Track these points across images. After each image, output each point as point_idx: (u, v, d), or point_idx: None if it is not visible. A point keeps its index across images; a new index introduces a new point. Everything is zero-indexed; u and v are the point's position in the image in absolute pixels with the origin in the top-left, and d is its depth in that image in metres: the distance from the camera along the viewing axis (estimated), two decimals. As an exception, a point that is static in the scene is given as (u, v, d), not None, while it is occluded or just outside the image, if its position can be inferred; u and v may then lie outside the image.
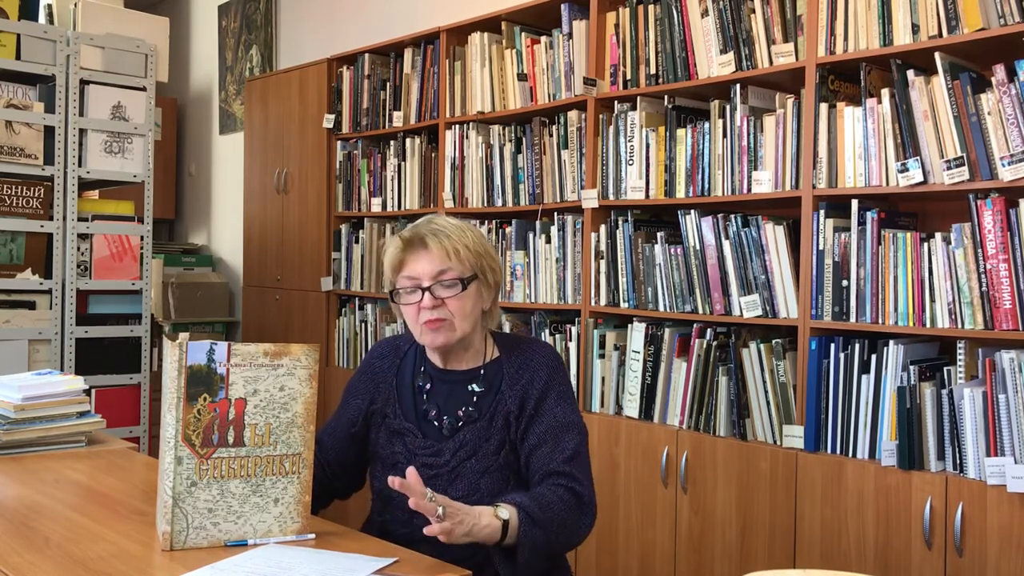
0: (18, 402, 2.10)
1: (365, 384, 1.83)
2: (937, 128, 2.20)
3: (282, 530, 1.53)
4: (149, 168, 3.63)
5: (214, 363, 1.47)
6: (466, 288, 1.67)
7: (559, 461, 1.64)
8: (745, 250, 2.57)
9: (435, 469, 1.69)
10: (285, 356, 1.51)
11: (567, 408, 1.71)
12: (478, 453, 1.68)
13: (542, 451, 1.66)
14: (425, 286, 1.67)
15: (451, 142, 3.53)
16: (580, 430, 1.70)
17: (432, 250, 1.68)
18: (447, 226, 1.71)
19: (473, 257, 1.69)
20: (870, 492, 2.27)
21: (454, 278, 1.67)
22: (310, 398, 1.53)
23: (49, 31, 3.43)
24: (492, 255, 1.75)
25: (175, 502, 1.46)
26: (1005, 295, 2.08)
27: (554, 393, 1.71)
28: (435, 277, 1.67)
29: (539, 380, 1.71)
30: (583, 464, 1.67)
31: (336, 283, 4.16)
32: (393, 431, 1.75)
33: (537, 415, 1.69)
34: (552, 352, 1.78)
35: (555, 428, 1.67)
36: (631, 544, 2.80)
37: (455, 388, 1.75)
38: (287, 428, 1.52)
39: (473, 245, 1.69)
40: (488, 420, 1.70)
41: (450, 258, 1.67)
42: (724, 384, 2.60)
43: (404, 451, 1.73)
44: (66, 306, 3.42)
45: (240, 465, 1.50)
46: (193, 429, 1.46)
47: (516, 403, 1.70)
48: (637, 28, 2.88)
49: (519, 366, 1.74)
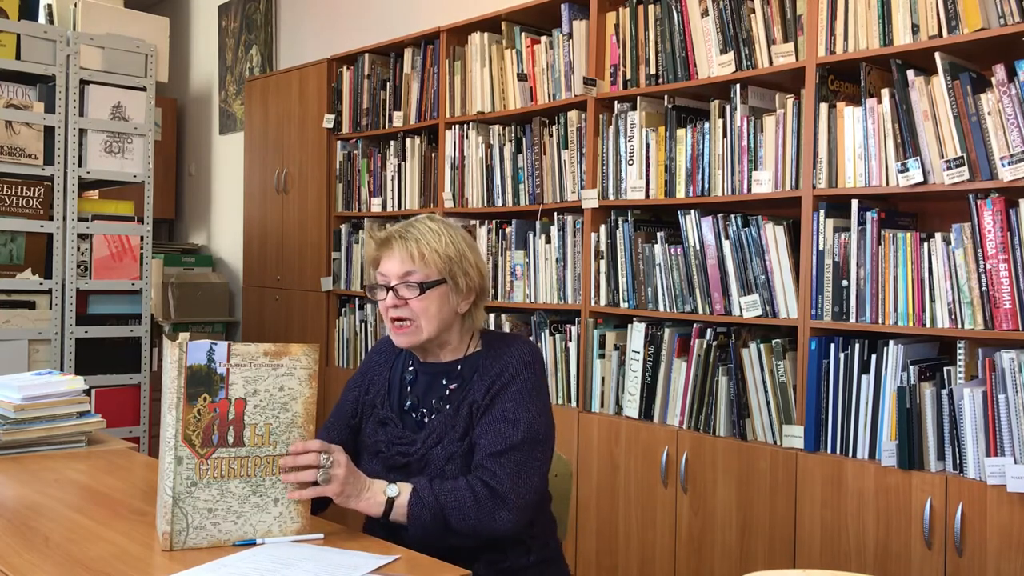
0: (18, 402, 2.10)
1: (361, 377, 1.90)
2: (937, 128, 2.20)
3: (282, 530, 1.53)
4: (149, 168, 3.63)
5: (214, 363, 1.47)
6: (424, 292, 1.69)
7: (485, 454, 1.65)
8: (745, 250, 2.57)
9: (407, 457, 1.73)
10: (285, 356, 1.52)
11: (521, 404, 1.69)
12: (443, 440, 1.71)
13: (482, 441, 1.67)
14: (391, 285, 1.71)
15: (451, 142, 3.53)
16: (528, 428, 1.67)
17: (398, 251, 1.71)
18: (422, 229, 1.73)
19: (442, 261, 1.70)
20: (870, 492, 2.27)
21: (416, 281, 1.70)
22: (310, 398, 1.54)
23: (49, 31, 3.42)
24: (471, 260, 1.75)
25: (175, 502, 1.46)
26: (1005, 295, 2.08)
27: (514, 387, 1.70)
28: (401, 277, 1.71)
29: (506, 373, 1.71)
30: (512, 461, 1.64)
31: (336, 283, 4.16)
32: (379, 421, 1.81)
33: (491, 405, 1.69)
34: (530, 350, 1.77)
35: (499, 421, 1.67)
36: (631, 544, 2.80)
37: (433, 380, 1.79)
38: (287, 428, 1.53)
39: (444, 249, 1.71)
40: (455, 409, 1.72)
41: (414, 261, 1.70)
42: (724, 384, 2.60)
43: (384, 439, 1.78)
44: (66, 306, 3.42)
45: (240, 465, 1.50)
46: (193, 429, 1.46)
47: (481, 393, 1.71)
48: (637, 28, 2.88)
49: (493, 359, 1.75)
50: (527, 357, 1.75)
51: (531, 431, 1.67)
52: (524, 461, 1.65)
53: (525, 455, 1.66)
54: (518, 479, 1.63)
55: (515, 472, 1.64)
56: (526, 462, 1.65)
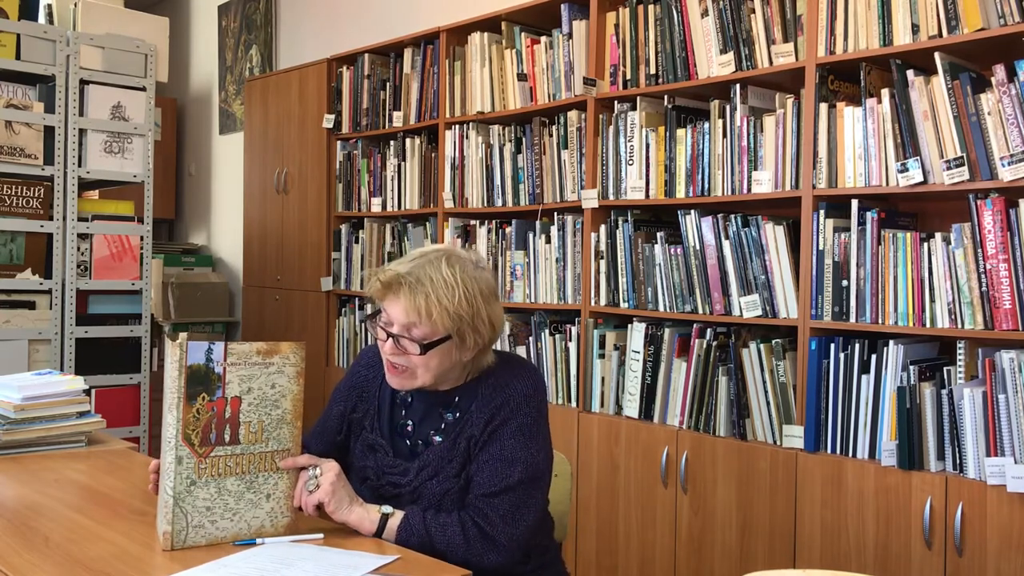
0: (18, 402, 2.10)
1: (348, 391, 1.81)
2: (937, 128, 2.20)
3: (273, 525, 1.55)
4: (149, 168, 3.63)
5: (212, 362, 1.49)
6: (424, 352, 1.58)
7: (478, 494, 1.59)
8: (745, 250, 2.57)
9: (399, 488, 1.67)
10: (276, 354, 1.54)
11: (520, 443, 1.60)
12: (439, 475, 1.64)
13: (477, 479, 1.61)
14: (392, 332, 1.60)
15: (451, 142, 3.53)
16: (526, 468, 1.59)
17: (404, 301, 1.58)
18: (436, 280, 1.58)
19: (451, 319, 1.57)
20: (870, 492, 2.27)
21: (418, 338, 1.58)
22: (297, 395, 1.56)
23: (49, 31, 3.43)
24: (483, 316, 1.61)
25: (176, 502, 1.47)
26: (1005, 295, 2.08)
27: (514, 424, 1.61)
28: (403, 327, 1.59)
29: (507, 408, 1.62)
30: (507, 503, 1.57)
31: (336, 283, 4.16)
32: (367, 445, 1.74)
33: (489, 441, 1.61)
34: (532, 383, 1.66)
35: (496, 460, 1.60)
36: (631, 544, 2.80)
37: (431, 409, 1.71)
38: (278, 424, 1.55)
39: (456, 307, 1.57)
40: (452, 442, 1.65)
41: (420, 316, 1.57)
42: (724, 384, 2.60)
43: (374, 466, 1.72)
44: (66, 306, 3.42)
45: (236, 463, 1.52)
46: (192, 428, 1.48)
47: (480, 427, 1.63)
48: (637, 28, 2.88)
49: (494, 388, 1.65)
50: (529, 391, 1.65)
51: (529, 471, 1.60)
52: (519, 502, 1.59)
53: (521, 496, 1.59)
54: (512, 521, 1.57)
55: (509, 514, 1.57)
56: (522, 502, 1.59)
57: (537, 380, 1.69)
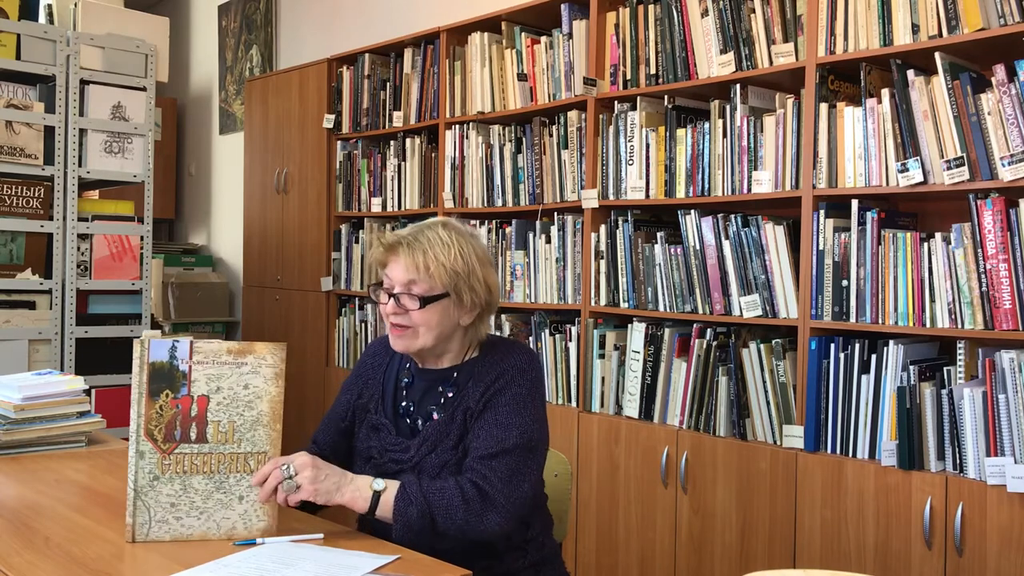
0: (18, 402, 2.10)
1: (355, 380, 1.87)
2: (937, 128, 2.20)
3: (247, 528, 1.54)
4: (149, 168, 3.63)
5: (176, 360, 1.50)
6: (424, 306, 1.66)
7: (476, 457, 1.63)
8: (745, 250, 2.57)
9: (401, 464, 1.71)
10: (249, 354, 1.53)
11: (515, 409, 1.67)
12: (438, 448, 1.69)
13: (474, 444, 1.65)
14: (393, 292, 1.68)
15: (451, 142, 3.53)
16: (522, 434, 1.65)
17: (403, 259, 1.67)
18: (432, 238, 1.68)
19: (448, 275, 1.66)
20: (870, 492, 2.27)
21: (418, 293, 1.66)
22: (276, 397, 1.55)
23: (49, 31, 3.43)
24: (479, 275, 1.70)
25: (136, 495, 1.49)
26: (1005, 295, 2.08)
27: (509, 393, 1.68)
28: (404, 286, 1.67)
29: (502, 379, 1.69)
30: (504, 465, 1.61)
31: (336, 283, 4.16)
32: (372, 426, 1.79)
33: (485, 410, 1.67)
34: (527, 357, 1.74)
35: (492, 425, 1.65)
36: (631, 544, 2.80)
37: (430, 387, 1.76)
38: (252, 426, 1.54)
39: (452, 263, 1.66)
40: (450, 416, 1.70)
41: (419, 271, 1.66)
42: (724, 384, 2.60)
43: (378, 446, 1.76)
44: (66, 306, 3.42)
45: (203, 461, 1.52)
46: (155, 424, 1.49)
47: (476, 399, 1.69)
48: (637, 28, 2.88)
49: (490, 366, 1.72)
50: (523, 364, 1.72)
51: (524, 437, 1.65)
52: (516, 466, 1.62)
53: (517, 460, 1.63)
54: (509, 483, 1.61)
55: (506, 477, 1.61)
56: (518, 468, 1.63)
57: (532, 357, 1.76)
